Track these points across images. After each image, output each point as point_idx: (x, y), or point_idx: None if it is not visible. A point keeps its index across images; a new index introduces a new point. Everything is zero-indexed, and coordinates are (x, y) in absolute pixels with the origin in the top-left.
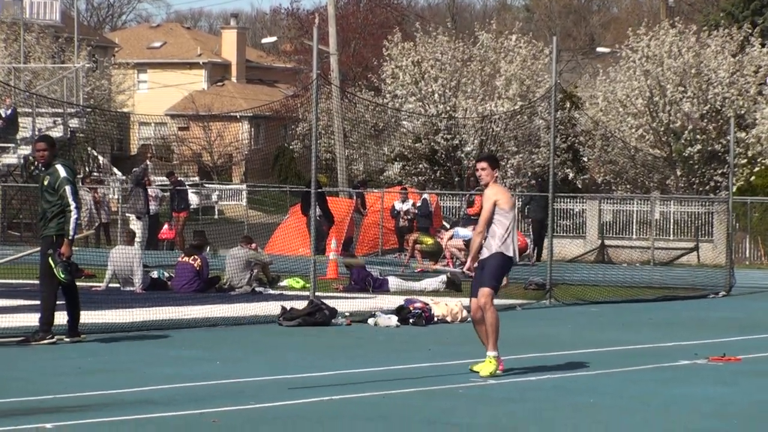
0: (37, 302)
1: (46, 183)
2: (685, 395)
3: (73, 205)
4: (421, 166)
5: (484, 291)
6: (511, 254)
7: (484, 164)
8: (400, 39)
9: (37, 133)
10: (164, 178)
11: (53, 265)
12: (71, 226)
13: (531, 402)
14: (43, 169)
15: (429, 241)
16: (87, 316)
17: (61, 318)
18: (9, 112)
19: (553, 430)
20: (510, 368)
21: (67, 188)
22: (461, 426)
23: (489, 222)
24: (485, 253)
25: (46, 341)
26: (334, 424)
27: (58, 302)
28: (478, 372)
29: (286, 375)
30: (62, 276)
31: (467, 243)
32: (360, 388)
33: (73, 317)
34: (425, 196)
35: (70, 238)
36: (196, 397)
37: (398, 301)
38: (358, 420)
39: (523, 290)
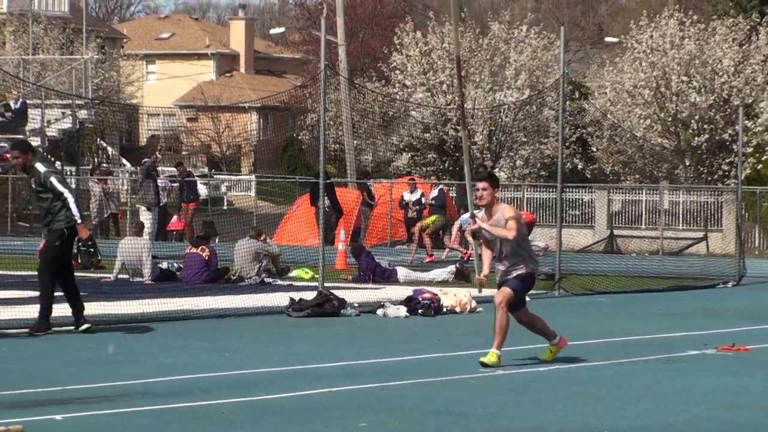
0: None
1: (34, 186)
2: (694, 386)
3: (65, 192)
4: (430, 156)
5: (505, 290)
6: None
7: (485, 184)
8: (412, 28)
9: (46, 124)
10: (173, 169)
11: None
12: (73, 210)
13: (538, 393)
14: (24, 173)
15: (431, 219)
16: (96, 307)
17: (60, 310)
18: (18, 104)
19: (559, 420)
20: (519, 359)
21: (52, 179)
22: (470, 416)
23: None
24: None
25: (47, 332)
26: (341, 415)
27: (57, 294)
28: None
29: (294, 366)
30: (80, 261)
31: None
32: (368, 378)
33: (77, 307)
34: (441, 186)
35: (80, 221)
36: (204, 388)
37: (407, 291)
38: (365, 411)
39: None
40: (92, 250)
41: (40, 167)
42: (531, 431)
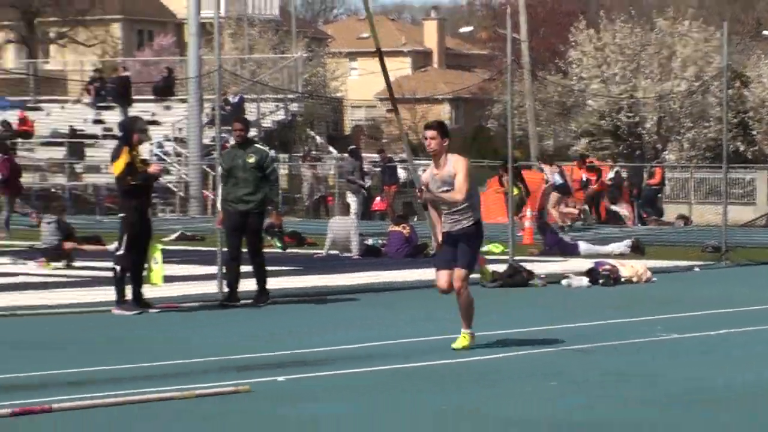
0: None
1: (252, 160)
2: None
3: (278, 182)
4: (605, 141)
5: (459, 274)
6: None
7: (433, 132)
8: (585, 26)
9: (261, 116)
10: (375, 155)
11: (270, 238)
12: (278, 198)
13: (719, 354)
14: (237, 146)
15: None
16: (310, 280)
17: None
18: (236, 99)
19: (741, 377)
20: (691, 325)
21: (275, 166)
22: (649, 377)
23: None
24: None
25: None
26: (519, 378)
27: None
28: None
29: (488, 332)
30: (279, 245)
31: (558, 189)
32: (550, 343)
33: (262, 285)
34: (617, 168)
35: (279, 210)
36: (401, 352)
37: (588, 263)
38: (547, 375)
39: (700, 252)
40: (280, 234)
41: (270, 151)
42: (711, 388)
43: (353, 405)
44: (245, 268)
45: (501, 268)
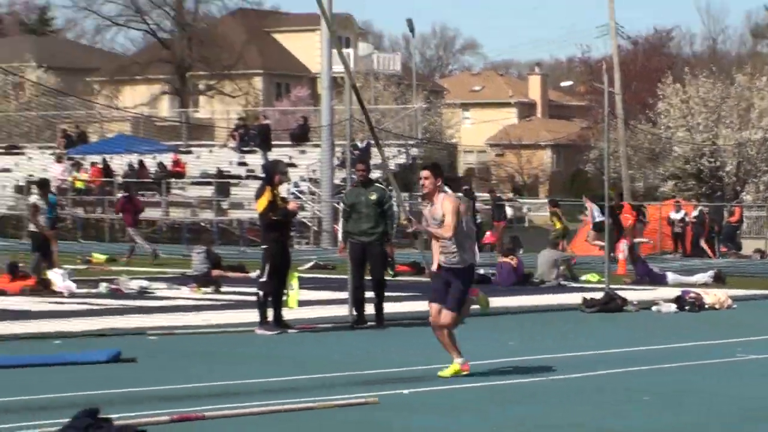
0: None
1: (373, 197)
2: None
3: (394, 216)
4: (690, 183)
5: (447, 316)
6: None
7: (427, 173)
8: (671, 81)
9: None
10: (486, 195)
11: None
12: (393, 231)
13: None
14: (360, 185)
15: (558, 225)
16: (422, 305)
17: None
18: (364, 144)
19: None
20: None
21: (393, 203)
22: (723, 396)
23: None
24: (459, 265)
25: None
26: (600, 396)
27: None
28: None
29: (582, 352)
30: (391, 273)
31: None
32: (637, 363)
33: (381, 309)
34: (700, 207)
35: (393, 241)
36: (516, 369)
37: (676, 292)
38: (626, 392)
39: None
40: (392, 263)
41: (387, 189)
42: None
43: (470, 418)
44: (369, 294)
45: (598, 295)
